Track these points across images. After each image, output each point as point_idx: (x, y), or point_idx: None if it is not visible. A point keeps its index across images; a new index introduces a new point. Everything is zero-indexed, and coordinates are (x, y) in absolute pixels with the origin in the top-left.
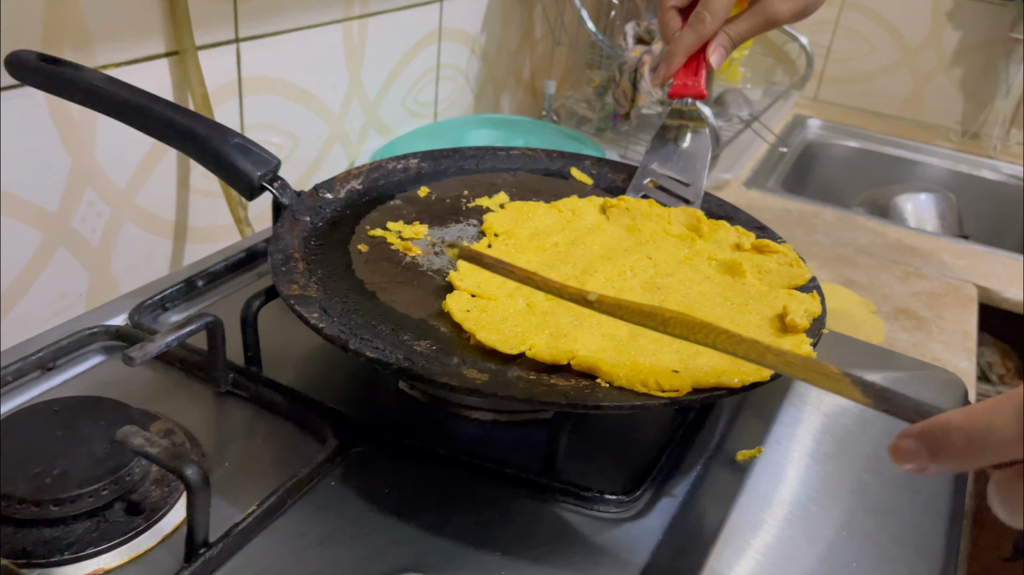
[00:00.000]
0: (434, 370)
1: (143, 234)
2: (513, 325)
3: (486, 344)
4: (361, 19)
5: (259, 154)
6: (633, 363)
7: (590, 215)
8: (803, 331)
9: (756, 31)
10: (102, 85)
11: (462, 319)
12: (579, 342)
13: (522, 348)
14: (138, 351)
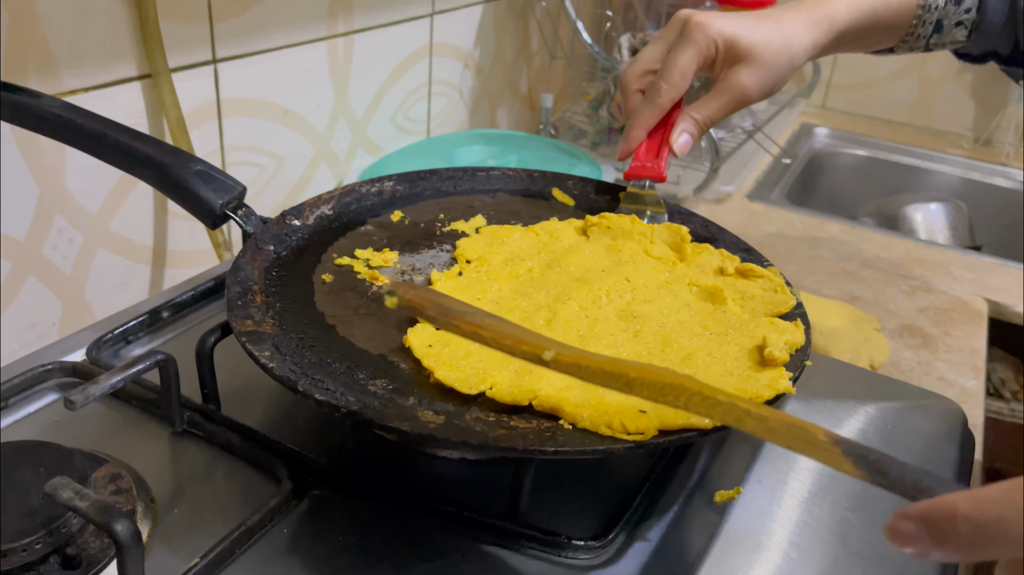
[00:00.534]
0: (386, 414)
1: (118, 260)
2: (476, 361)
3: (444, 383)
4: (347, 36)
5: (222, 181)
6: (599, 402)
7: (568, 236)
8: (782, 365)
9: (726, 112)
10: (60, 113)
11: (423, 355)
12: (544, 379)
13: (482, 388)
14: (79, 394)
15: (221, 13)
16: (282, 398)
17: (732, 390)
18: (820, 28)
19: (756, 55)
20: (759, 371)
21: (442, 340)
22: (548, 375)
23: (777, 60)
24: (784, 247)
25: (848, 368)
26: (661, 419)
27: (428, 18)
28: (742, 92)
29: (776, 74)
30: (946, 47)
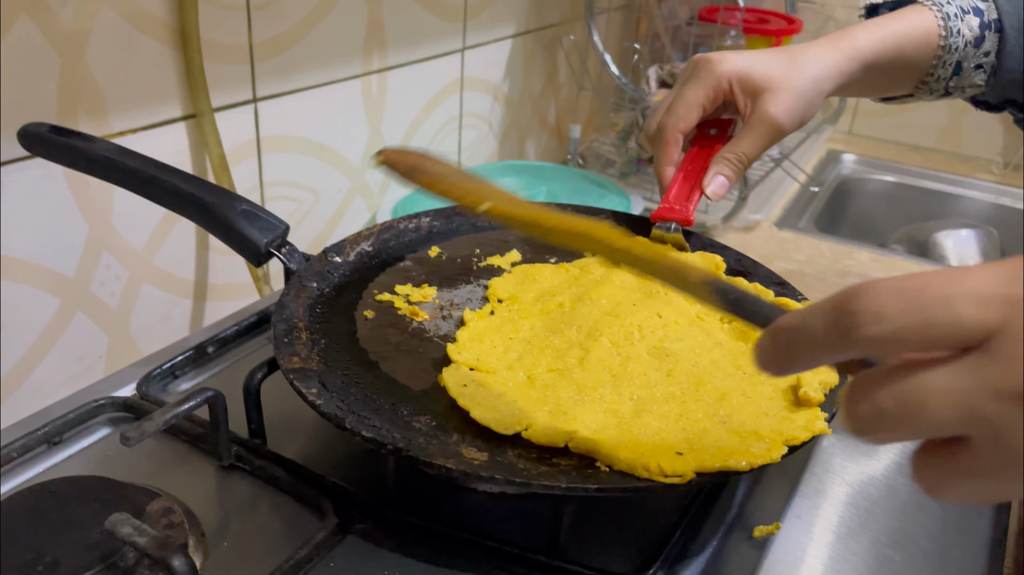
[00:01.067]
0: (431, 451)
1: (161, 294)
2: (511, 401)
3: (481, 423)
4: (381, 73)
5: (266, 220)
6: (635, 444)
7: (598, 268)
8: (817, 405)
9: (760, 145)
10: (111, 155)
11: (458, 395)
12: (579, 420)
13: (518, 429)
14: (135, 431)
15: (261, 54)
16: (323, 431)
17: (768, 431)
18: (844, 53)
19: (777, 83)
20: (794, 411)
21: (476, 380)
22: (584, 415)
23: (801, 84)
24: (814, 275)
25: None
26: (699, 461)
27: (459, 53)
28: (772, 121)
29: (804, 99)
30: (965, 92)
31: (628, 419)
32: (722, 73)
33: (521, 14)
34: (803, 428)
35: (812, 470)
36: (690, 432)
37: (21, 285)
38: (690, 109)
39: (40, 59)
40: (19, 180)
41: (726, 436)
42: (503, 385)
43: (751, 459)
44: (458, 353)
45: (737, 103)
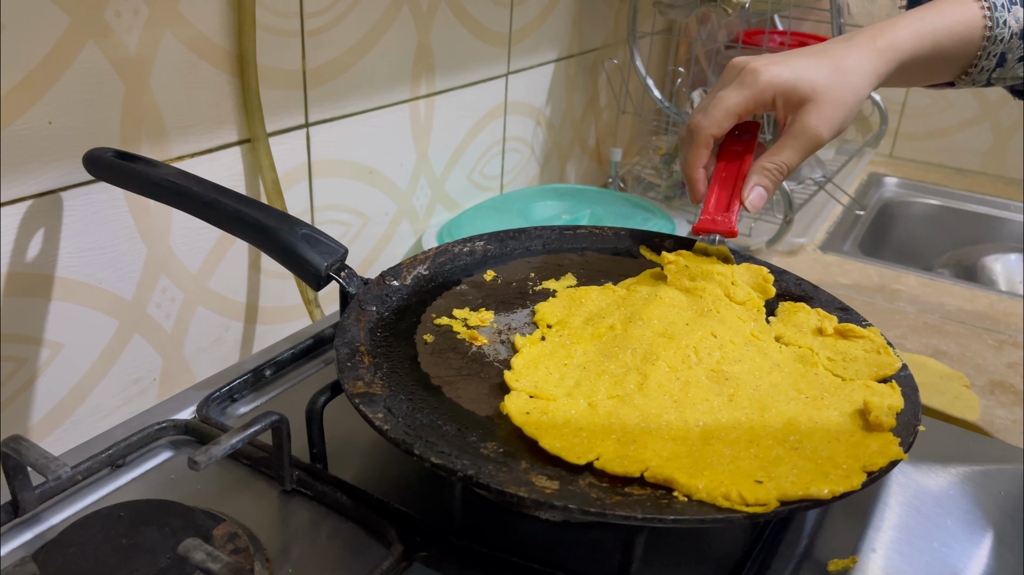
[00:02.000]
0: (502, 478)
1: (214, 317)
2: (577, 429)
3: (551, 452)
4: (428, 98)
5: (326, 244)
6: (711, 473)
7: (645, 285)
8: (889, 430)
9: (799, 156)
10: (175, 180)
11: (523, 423)
12: (650, 449)
13: (590, 458)
14: (203, 455)
15: (314, 80)
16: (383, 456)
17: (842, 457)
18: (883, 56)
19: (820, 95)
20: (866, 436)
21: (539, 407)
22: (653, 443)
23: (844, 96)
24: (862, 300)
25: (940, 427)
26: (780, 490)
27: (503, 78)
28: (814, 134)
29: (845, 110)
30: (1006, 82)
31: (698, 446)
32: (767, 84)
33: (564, 39)
34: (879, 453)
35: (885, 501)
36: (764, 459)
37: (82, 307)
38: (727, 115)
39: (106, 84)
40: (82, 205)
41: (802, 463)
42: (565, 412)
43: (832, 486)
44: (516, 380)
45: (777, 114)
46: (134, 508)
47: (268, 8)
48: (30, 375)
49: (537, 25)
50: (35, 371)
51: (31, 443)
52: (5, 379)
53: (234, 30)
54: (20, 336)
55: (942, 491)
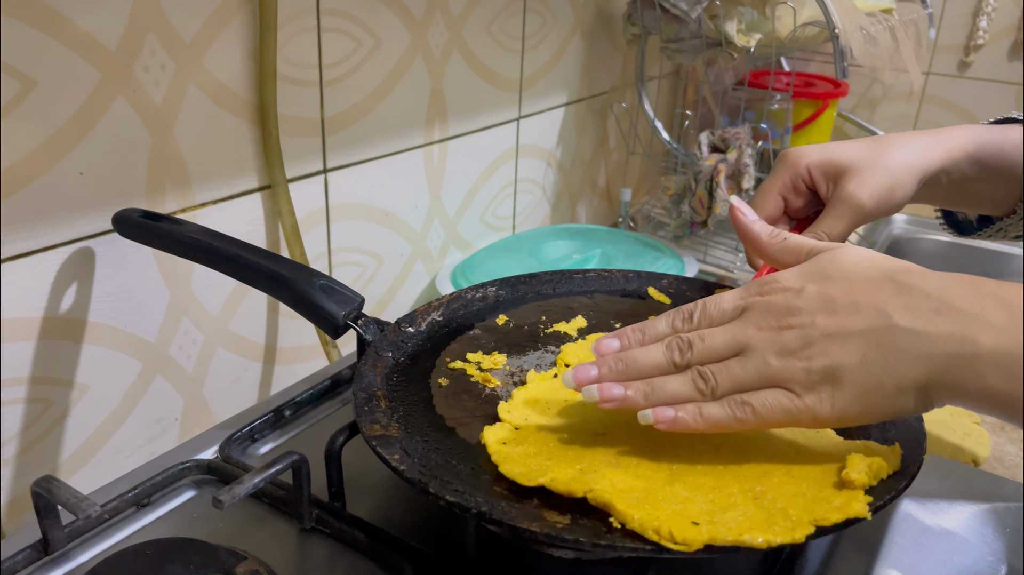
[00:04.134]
0: (514, 514)
1: (234, 358)
2: (544, 458)
3: (507, 476)
4: (441, 143)
5: (343, 294)
6: (653, 506)
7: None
8: (860, 487)
9: (844, 225)
10: (198, 238)
11: (494, 451)
12: (607, 478)
13: (541, 480)
14: (227, 495)
15: (332, 128)
16: (399, 494)
17: (797, 510)
18: (931, 137)
19: (858, 163)
20: (834, 493)
21: (516, 438)
22: (614, 476)
23: (886, 163)
24: None
25: (950, 465)
26: (712, 533)
27: (515, 122)
28: (853, 200)
29: (890, 178)
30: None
31: (658, 486)
32: (801, 162)
33: (574, 83)
34: (837, 509)
35: (892, 537)
36: (716, 505)
37: (107, 350)
38: (767, 198)
39: (133, 136)
40: (109, 251)
41: (753, 511)
42: (543, 443)
43: (770, 537)
44: (508, 412)
45: (819, 189)
46: (160, 546)
47: (288, 60)
48: (58, 416)
49: (547, 71)
50: (63, 412)
51: (62, 483)
52: (34, 420)
53: (255, 81)
54: (50, 378)
55: (950, 528)
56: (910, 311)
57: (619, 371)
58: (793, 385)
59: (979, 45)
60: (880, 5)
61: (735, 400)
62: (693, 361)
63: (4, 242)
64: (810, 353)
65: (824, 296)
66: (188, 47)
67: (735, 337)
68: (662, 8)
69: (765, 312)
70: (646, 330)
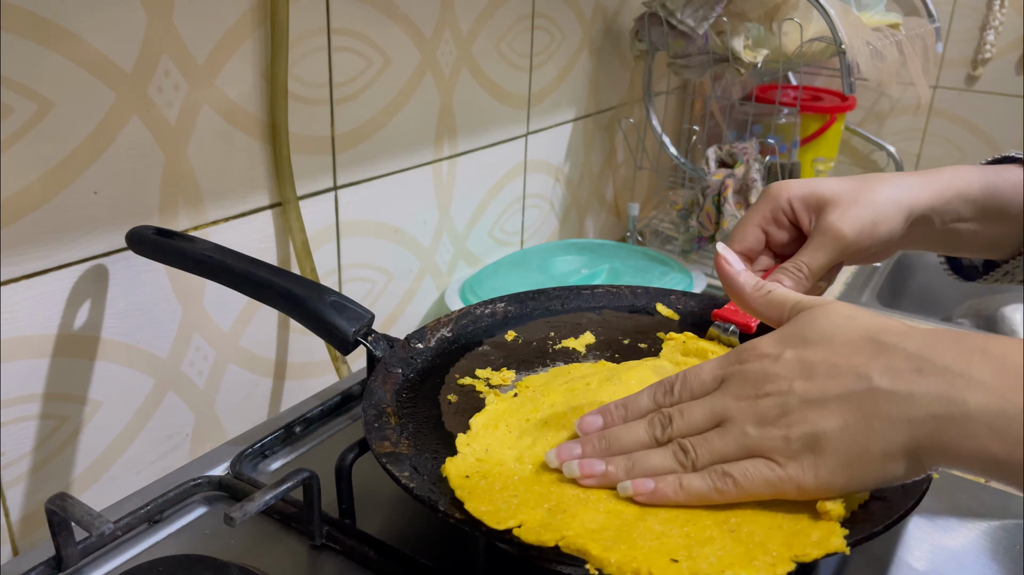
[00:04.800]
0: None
1: (245, 373)
2: (510, 495)
3: (474, 515)
4: (450, 159)
5: (353, 310)
6: (629, 547)
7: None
8: (836, 519)
9: (824, 257)
10: (210, 255)
11: (457, 486)
12: (577, 519)
13: (511, 524)
14: (238, 512)
15: (342, 145)
16: (408, 511)
17: (776, 544)
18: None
19: (839, 197)
20: (811, 525)
21: (480, 471)
22: (584, 514)
23: (870, 197)
24: None
25: (960, 482)
26: (694, 570)
27: (523, 138)
28: (832, 231)
29: (873, 212)
30: None
31: (631, 522)
32: (783, 194)
33: (581, 99)
34: (815, 544)
35: (902, 556)
36: (694, 539)
37: (120, 366)
38: (745, 230)
39: (147, 155)
40: (123, 269)
41: (731, 546)
42: (507, 477)
43: (751, 573)
44: (467, 445)
45: (801, 222)
46: (172, 563)
47: (299, 79)
48: (71, 432)
49: (555, 87)
50: (76, 428)
51: (76, 500)
52: (48, 437)
53: (267, 100)
54: (64, 395)
55: (960, 546)
56: (890, 372)
57: (602, 449)
58: (774, 455)
59: (986, 59)
60: (887, 20)
61: (716, 471)
62: (674, 435)
63: (21, 260)
64: (789, 421)
65: (802, 361)
66: (201, 68)
67: (713, 409)
68: (669, 25)
69: (743, 381)
70: (628, 406)
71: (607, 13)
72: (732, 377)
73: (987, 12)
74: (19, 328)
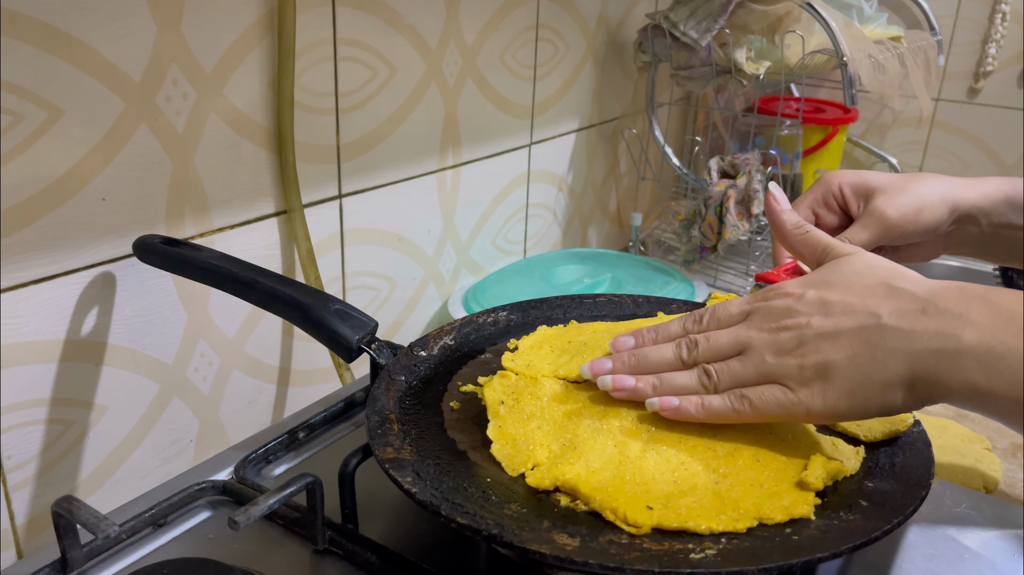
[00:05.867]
0: (524, 537)
1: (249, 380)
2: (535, 425)
3: (496, 457)
4: (454, 168)
5: (357, 318)
6: (616, 489)
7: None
8: (813, 490)
9: (869, 237)
10: (216, 263)
11: (494, 413)
12: (583, 458)
13: (524, 468)
14: (242, 516)
15: (348, 154)
16: (411, 516)
17: (748, 503)
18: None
19: (888, 185)
20: (789, 490)
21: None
22: (590, 450)
23: (919, 189)
24: None
25: (960, 491)
26: (661, 518)
27: (527, 148)
28: (880, 215)
29: (920, 200)
30: None
31: (631, 461)
32: (835, 180)
33: (585, 109)
34: (784, 510)
35: (900, 564)
36: (677, 487)
37: (126, 372)
38: (798, 210)
39: (155, 163)
40: (130, 275)
41: (708, 499)
42: (537, 400)
43: (712, 525)
44: (511, 360)
45: (850, 207)
46: (176, 566)
47: (305, 88)
48: (76, 437)
49: (559, 97)
50: (82, 433)
51: (82, 503)
52: (54, 441)
53: (273, 110)
54: (70, 400)
55: (959, 555)
56: (898, 313)
57: (631, 366)
58: (788, 381)
59: (988, 71)
60: (889, 33)
61: (735, 394)
62: (699, 359)
63: (29, 266)
64: (804, 351)
65: (822, 300)
66: (209, 77)
67: (737, 338)
68: (672, 36)
69: (766, 315)
70: (660, 330)
71: (611, 25)
72: (757, 311)
73: (989, 25)
74: (27, 333)
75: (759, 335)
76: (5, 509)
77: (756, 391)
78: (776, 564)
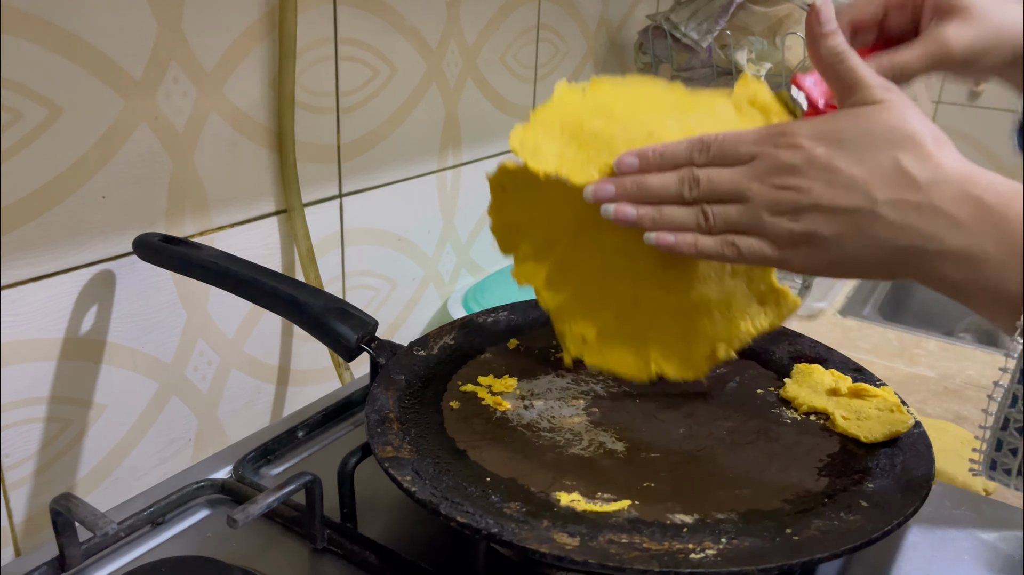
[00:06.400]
0: (523, 536)
1: (248, 379)
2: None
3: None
4: (454, 168)
5: (357, 317)
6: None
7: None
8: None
9: (921, 63)
10: (216, 261)
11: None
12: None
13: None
14: (241, 514)
15: (348, 154)
16: (410, 515)
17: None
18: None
19: (974, 10)
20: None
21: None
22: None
23: (997, 19)
24: (883, 364)
25: (960, 493)
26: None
27: None
28: (943, 44)
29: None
30: None
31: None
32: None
33: None
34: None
35: (899, 565)
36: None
37: (125, 370)
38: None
39: (155, 162)
40: (129, 273)
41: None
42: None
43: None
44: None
45: (922, 16)
46: (174, 564)
47: (306, 88)
48: (75, 435)
49: None
50: (81, 431)
51: (80, 500)
52: (52, 439)
53: (274, 109)
54: (69, 398)
55: (957, 556)
56: (894, 203)
57: (632, 193)
58: (777, 240)
59: None
60: None
61: (727, 240)
62: (699, 198)
63: (28, 263)
64: (797, 216)
65: (829, 166)
66: (209, 75)
67: (739, 187)
68: (673, 38)
69: (772, 167)
70: (666, 155)
71: (611, 26)
72: (764, 158)
73: None
74: (26, 331)
75: (760, 188)
76: (3, 507)
77: (745, 241)
78: (776, 564)
